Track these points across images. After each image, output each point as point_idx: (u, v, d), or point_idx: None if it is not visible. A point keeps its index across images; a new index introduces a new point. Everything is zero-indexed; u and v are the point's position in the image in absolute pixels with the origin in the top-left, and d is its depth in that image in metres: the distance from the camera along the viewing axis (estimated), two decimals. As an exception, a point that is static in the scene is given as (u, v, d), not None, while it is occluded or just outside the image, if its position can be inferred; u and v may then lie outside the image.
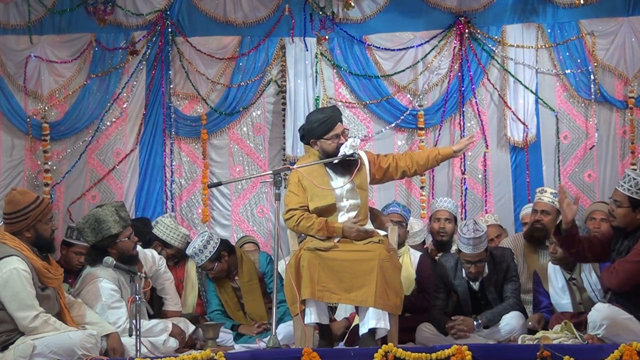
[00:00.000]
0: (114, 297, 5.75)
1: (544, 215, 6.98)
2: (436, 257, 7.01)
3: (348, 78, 8.43)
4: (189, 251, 6.64)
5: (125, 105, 8.21)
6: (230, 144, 8.38)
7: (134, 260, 5.92)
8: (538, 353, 5.15)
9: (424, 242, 7.60)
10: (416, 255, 6.92)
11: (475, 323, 6.28)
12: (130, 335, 5.36)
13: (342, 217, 5.80)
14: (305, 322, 5.58)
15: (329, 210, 5.79)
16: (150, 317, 6.14)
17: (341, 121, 5.90)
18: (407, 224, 7.04)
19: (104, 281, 5.77)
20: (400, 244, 6.85)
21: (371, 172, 5.91)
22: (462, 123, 8.45)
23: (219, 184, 7.42)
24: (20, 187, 7.14)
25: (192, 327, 6.30)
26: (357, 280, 5.52)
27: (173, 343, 5.94)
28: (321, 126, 5.81)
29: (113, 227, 5.81)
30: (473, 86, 8.44)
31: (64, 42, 8.13)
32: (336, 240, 5.72)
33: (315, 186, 5.75)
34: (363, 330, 5.56)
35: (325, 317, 5.71)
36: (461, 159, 8.42)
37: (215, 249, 6.58)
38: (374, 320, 5.51)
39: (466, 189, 8.41)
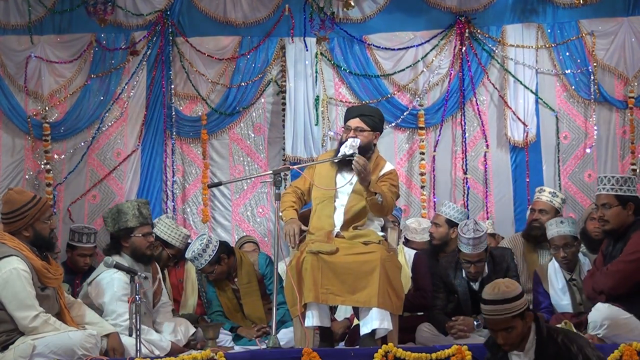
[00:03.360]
0: (125, 290, 5.76)
1: (541, 215, 6.99)
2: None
3: (348, 78, 8.43)
4: (188, 255, 6.62)
5: (125, 106, 8.21)
6: (230, 144, 8.38)
7: (147, 259, 5.98)
8: (538, 353, 5.15)
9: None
10: (411, 253, 6.92)
11: (475, 323, 6.28)
12: (130, 335, 5.36)
13: (338, 214, 5.82)
14: (306, 325, 5.58)
15: (326, 202, 5.85)
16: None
17: (367, 122, 5.89)
18: (399, 224, 7.04)
19: (119, 273, 5.80)
20: (395, 244, 6.87)
21: (377, 180, 5.91)
22: (462, 123, 8.45)
23: (219, 184, 7.45)
24: (20, 187, 7.15)
25: (192, 330, 6.30)
26: (360, 281, 5.53)
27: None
28: (345, 115, 6.07)
29: (130, 221, 5.92)
30: (473, 86, 8.44)
31: (64, 42, 8.14)
32: (334, 234, 5.74)
33: (316, 183, 5.90)
34: (365, 330, 5.56)
35: (327, 320, 5.72)
36: (462, 158, 8.42)
37: (215, 252, 6.56)
38: (377, 320, 5.51)
39: (468, 188, 8.41)
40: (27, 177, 8.03)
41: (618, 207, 5.74)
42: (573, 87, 8.45)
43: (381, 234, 5.87)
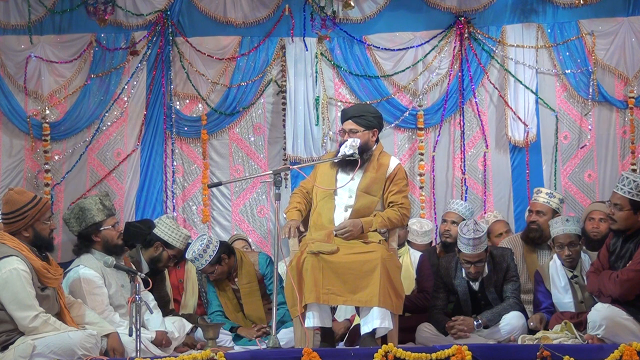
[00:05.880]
0: (93, 284, 5.79)
1: (539, 216, 7.00)
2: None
3: (348, 78, 8.43)
4: (188, 255, 6.62)
5: (125, 106, 8.20)
6: (230, 144, 8.38)
7: (119, 250, 6.00)
8: (538, 353, 5.17)
9: (431, 242, 7.62)
10: (416, 255, 6.95)
11: (475, 323, 6.28)
12: (130, 335, 5.36)
13: (338, 213, 5.84)
14: (306, 325, 5.59)
15: (326, 199, 5.89)
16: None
17: (360, 122, 5.95)
18: (407, 224, 7.06)
19: (82, 268, 5.85)
20: (401, 245, 6.88)
21: (386, 184, 5.92)
22: (462, 123, 8.46)
23: (219, 184, 7.45)
24: (19, 187, 7.14)
25: (188, 326, 6.31)
26: (361, 281, 5.54)
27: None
28: (340, 117, 6.16)
29: (97, 215, 5.93)
30: (473, 86, 8.44)
31: (64, 42, 8.13)
32: (334, 233, 5.75)
33: (317, 182, 5.96)
34: (366, 329, 5.57)
35: (329, 320, 5.73)
36: (461, 158, 8.43)
37: (215, 252, 6.56)
38: (378, 319, 5.53)
39: (466, 189, 8.41)
40: (26, 177, 8.03)
41: (629, 212, 5.74)
42: (573, 87, 8.45)
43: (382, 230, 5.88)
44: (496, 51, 8.46)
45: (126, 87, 8.18)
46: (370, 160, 5.96)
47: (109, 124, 8.18)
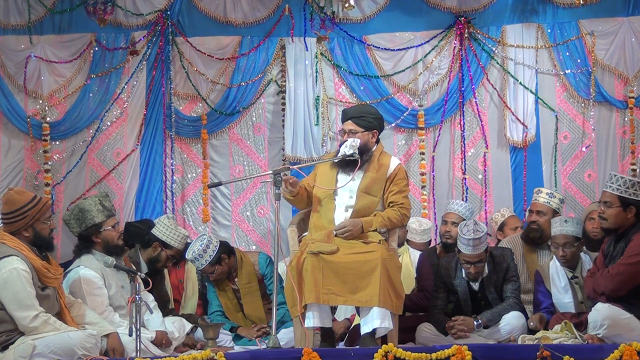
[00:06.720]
0: (94, 285, 5.79)
1: (539, 216, 7.01)
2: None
3: (348, 78, 8.43)
4: (188, 256, 6.63)
5: (125, 106, 8.20)
6: (230, 144, 8.38)
7: (119, 250, 6.01)
8: (538, 353, 5.17)
9: (430, 241, 7.62)
10: (416, 254, 6.96)
11: (475, 323, 6.28)
12: (130, 335, 5.36)
13: (339, 213, 5.84)
14: (306, 326, 5.59)
15: (327, 199, 5.91)
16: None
17: (359, 123, 5.97)
18: (406, 224, 7.06)
19: (83, 269, 5.85)
20: (400, 244, 6.88)
21: (387, 184, 5.93)
22: (462, 123, 8.46)
23: (219, 184, 7.45)
24: (19, 187, 7.13)
25: (188, 326, 6.32)
26: (361, 281, 5.55)
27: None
28: (341, 117, 6.18)
29: (97, 217, 5.93)
30: (473, 86, 8.44)
31: (64, 42, 8.13)
32: (334, 233, 5.75)
33: (317, 182, 5.96)
34: (366, 329, 5.57)
35: (329, 320, 5.74)
36: (461, 159, 8.43)
37: (215, 252, 6.57)
38: (378, 319, 5.53)
39: (467, 189, 8.41)
40: (26, 177, 8.02)
41: (618, 208, 5.78)
42: (573, 87, 8.46)
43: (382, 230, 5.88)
44: (496, 51, 8.46)
45: (126, 87, 8.17)
46: (371, 160, 5.96)
47: (108, 123, 8.18)
